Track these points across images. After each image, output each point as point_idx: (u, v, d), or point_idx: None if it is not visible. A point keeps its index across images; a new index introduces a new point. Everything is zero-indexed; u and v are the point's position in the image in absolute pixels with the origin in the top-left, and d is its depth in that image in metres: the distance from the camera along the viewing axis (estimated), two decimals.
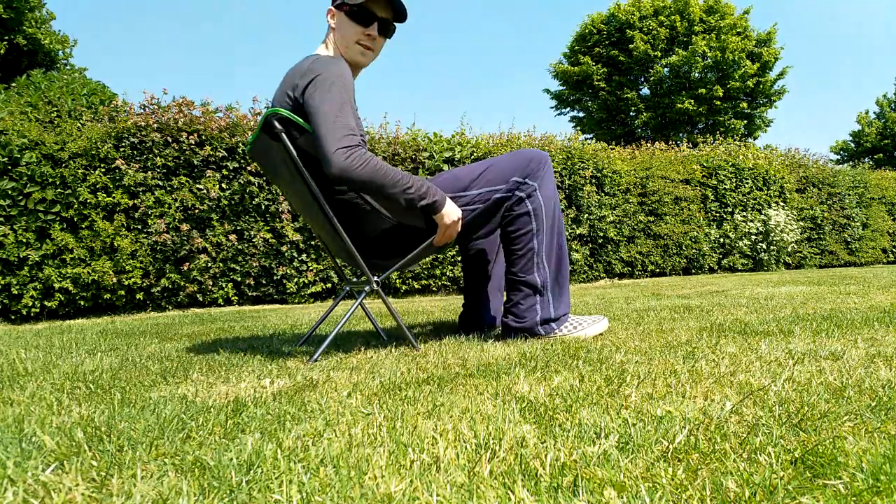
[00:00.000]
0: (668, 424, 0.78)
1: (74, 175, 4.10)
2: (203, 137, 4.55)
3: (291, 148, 1.51)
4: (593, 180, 6.40)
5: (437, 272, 5.36)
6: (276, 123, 1.50)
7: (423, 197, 1.54)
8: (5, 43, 13.56)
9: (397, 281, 5.23)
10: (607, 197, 6.50)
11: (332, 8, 1.67)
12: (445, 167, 5.48)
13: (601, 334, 1.76)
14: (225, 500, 0.60)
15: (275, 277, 4.71)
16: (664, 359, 1.28)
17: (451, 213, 1.60)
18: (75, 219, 4.13)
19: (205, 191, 4.48)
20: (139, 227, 4.31)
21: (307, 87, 1.49)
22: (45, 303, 4.04)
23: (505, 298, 1.79)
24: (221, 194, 4.54)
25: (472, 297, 2.01)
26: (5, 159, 3.96)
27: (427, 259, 5.31)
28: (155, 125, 4.41)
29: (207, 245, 4.46)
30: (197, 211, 4.47)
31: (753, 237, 7.61)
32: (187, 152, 4.48)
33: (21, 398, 1.15)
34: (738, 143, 8.61)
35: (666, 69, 19.48)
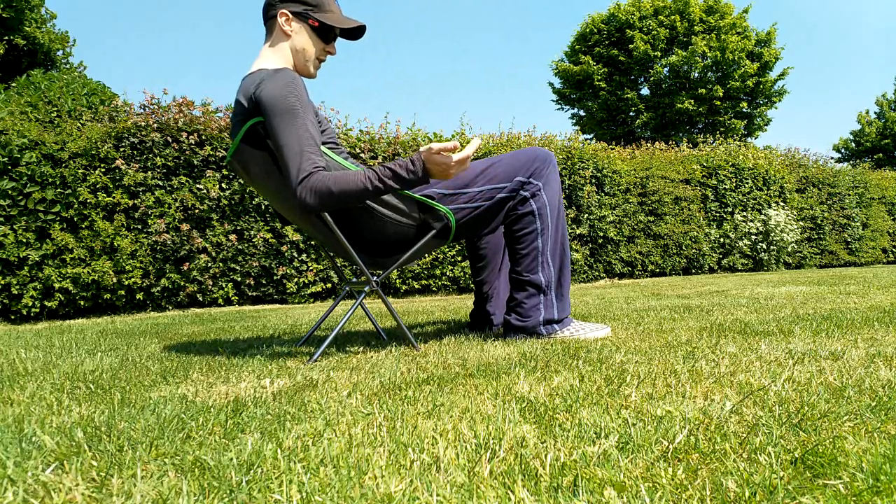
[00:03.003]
0: (668, 424, 0.78)
1: (74, 175, 4.10)
2: (203, 137, 4.55)
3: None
4: (593, 180, 6.40)
5: (437, 272, 5.36)
6: (262, 130, 1.48)
7: (393, 181, 1.44)
8: (4, 43, 13.56)
9: (397, 281, 5.23)
10: (607, 197, 6.50)
11: (289, 14, 1.57)
12: None
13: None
14: (225, 500, 0.60)
15: (275, 277, 4.71)
16: (664, 359, 1.28)
17: (440, 171, 1.46)
18: (75, 219, 4.13)
19: (205, 191, 4.48)
20: (139, 227, 4.31)
21: (262, 108, 1.44)
22: (45, 303, 4.04)
23: (508, 297, 1.79)
24: (221, 194, 4.54)
25: (481, 295, 2.01)
26: (5, 159, 3.96)
27: (427, 258, 5.31)
28: (155, 125, 4.40)
29: (207, 245, 4.46)
30: (197, 211, 4.47)
31: (753, 237, 7.61)
32: (187, 152, 4.48)
33: (21, 398, 1.15)
34: (738, 142, 8.61)
35: (666, 69, 19.47)
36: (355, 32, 1.66)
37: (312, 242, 4.83)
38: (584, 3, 41.18)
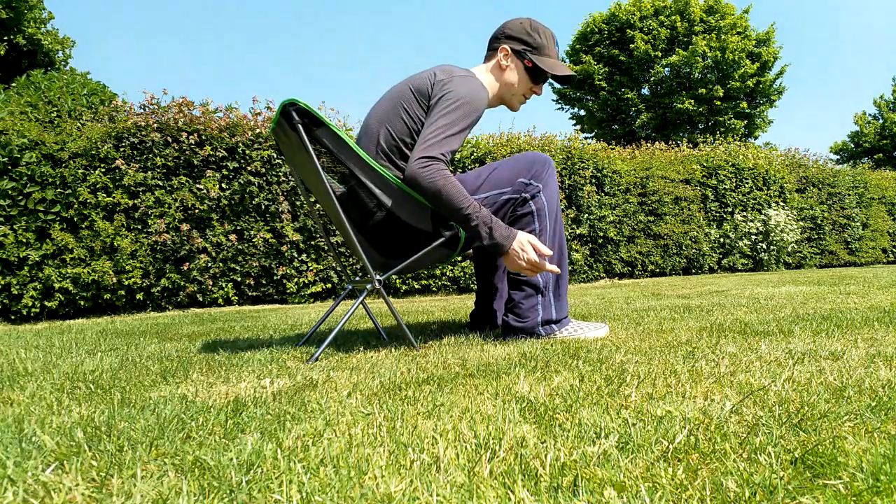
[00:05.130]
0: (668, 424, 0.78)
1: (74, 175, 4.10)
2: (203, 137, 4.55)
3: (307, 140, 1.52)
4: (593, 180, 6.40)
5: (438, 272, 5.36)
6: (294, 114, 1.52)
7: (490, 235, 1.55)
8: (5, 44, 13.56)
9: (397, 281, 5.23)
10: (607, 197, 6.50)
11: (508, 49, 1.73)
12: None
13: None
14: (225, 500, 0.60)
15: (275, 277, 4.71)
16: (664, 359, 1.28)
17: (518, 257, 1.57)
18: (75, 219, 4.13)
19: (205, 191, 4.48)
20: (139, 227, 4.31)
21: (445, 89, 1.57)
22: (45, 303, 4.04)
23: (507, 297, 1.79)
24: (221, 194, 4.54)
25: (483, 295, 2.02)
26: (5, 159, 3.96)
27: None
28: (155, 125, 4.41)
29: (207, 245, 4.46)
30: (197, 211, 4.47)
31: (753, 237, 7.61)
32: (187, 152, 4.48)
33: (21, 398, 1.15)
34: (738, 142, 8.61)
35: (666, 69, 19.48)
36: (566, 79, 1.79)
37: (312, 242, 4.83)
38: (585, 3, 41.20)
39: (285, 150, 1.74)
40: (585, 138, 8.00)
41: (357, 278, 1.84)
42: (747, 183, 7.81)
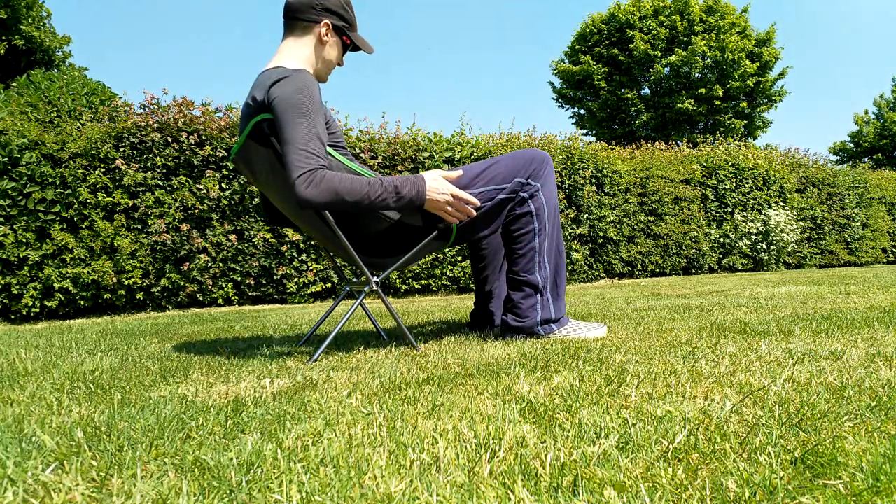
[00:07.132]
0: (668, 424, 0.78)
1: (74, 175, 4.10)
2: (203, 137, 4.55)
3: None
4: (593, 180, 6.40)
5: (437, 272, 5.36)
6: (266, 128, 1.49)
7: (399, 197, 1.49)
8: (5, 43, 13.56)
9: (397, 281, 5.23)
10: (607, 197, 6.50)
11: (331, 24, 1.63)
12: (445, 167, 5.48)
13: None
14: (225, 500, 0.60)
15: (275, 277, 4.71)
16: (664, 359, 1.28)
17: (438, 194, 1.53)
18: (75, 219, 4.13)
19: (205, 191, 4.48)
20: (139, 227, 4.31)
21: (273, 106, 1.46)
22: (45, 303, 4.04)
23: (505, 297, 1.80)
24: (221, 194, 4.54)
25: (481, 295, 2.02)
26: (5, 159, 3.96)
27: (427, 259, 5.31)
28: (155, 125, 4.40)
29: (207, 245, 4.46)
30: (197, 211, 4.47)
31: (753, 237, 7.61)
32: (187, 152, 4.48)
33: (21, 398, 1.15)
34: (737, 142, 8.61)
35: (666, 69, 19.48)
36: (359, 48, 1.75)
37: (313, 242, 4.82)
38: (584, 3, 41.23)
39: (252, 172, 1.64)
40: (584, 133, 8.01)
41: (355, 279, 1.84)
42: (747, 183, 7.81)
